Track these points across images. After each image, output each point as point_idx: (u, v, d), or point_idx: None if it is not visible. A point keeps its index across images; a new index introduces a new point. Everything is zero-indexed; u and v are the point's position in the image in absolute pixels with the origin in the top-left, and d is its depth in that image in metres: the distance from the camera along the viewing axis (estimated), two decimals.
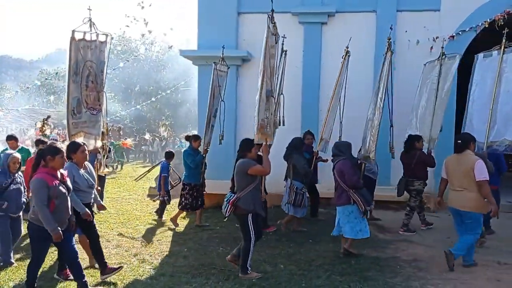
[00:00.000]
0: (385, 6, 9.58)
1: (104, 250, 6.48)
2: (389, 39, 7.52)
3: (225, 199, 5.44)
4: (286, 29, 9.86)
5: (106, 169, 8.55)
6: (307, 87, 9.89)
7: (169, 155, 9.34)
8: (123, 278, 5.35)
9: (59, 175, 4.67)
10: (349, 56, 8.24)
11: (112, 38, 6.88)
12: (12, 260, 5.85)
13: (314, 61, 9.88)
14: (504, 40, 7.05)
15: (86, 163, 5.48)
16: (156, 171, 10.98)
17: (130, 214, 9.25)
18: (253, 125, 5.67)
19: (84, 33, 6.16)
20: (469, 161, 5.42)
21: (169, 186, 9.18)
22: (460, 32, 9.42)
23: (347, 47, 8.19)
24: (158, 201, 9.38)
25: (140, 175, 11.52)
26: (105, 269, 5.32)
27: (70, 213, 4.78)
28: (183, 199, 8.01)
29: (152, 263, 5.98)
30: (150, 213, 9.36)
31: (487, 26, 9.29)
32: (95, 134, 6.61)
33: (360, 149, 7.46)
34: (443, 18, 9.44)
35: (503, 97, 6.89)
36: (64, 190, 4.65)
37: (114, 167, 19.99)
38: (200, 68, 10.12)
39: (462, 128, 7.37)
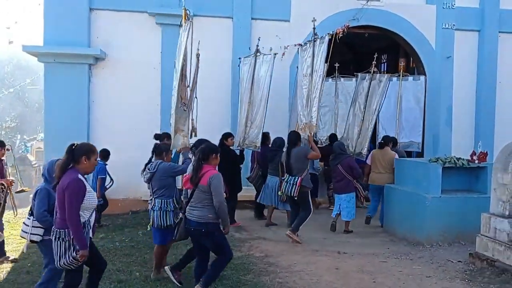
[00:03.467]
0: (241, 14, 9.95)
1: None
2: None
3: (289, 182, 6.78)
4: (143, 29, 9.70)
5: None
6: (166, 89, 9.73)
7: (106, 154, 8.19)
8: None
9: None
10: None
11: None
12: None
13: (172, 63, 9.77)
14: (401, 71, 9.84)
15: None
16: None
17: None
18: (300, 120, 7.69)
19: (187, 16, 6.22)
20: (390, 154, 8.15)
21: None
22: (308, 42, 10.22)
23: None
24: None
25: None
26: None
27: None
28: None
29: None
30: None
31: (330, 38, 10.26)
32: (185, 132, 6.26)
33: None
34: (292, 28, 10.16)
35: (406, 112, 10.12)
36: None
37: None
38: (47, 66, 9.30)
39: (377, 131, 10.15)
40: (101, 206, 8.14)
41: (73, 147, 3.96)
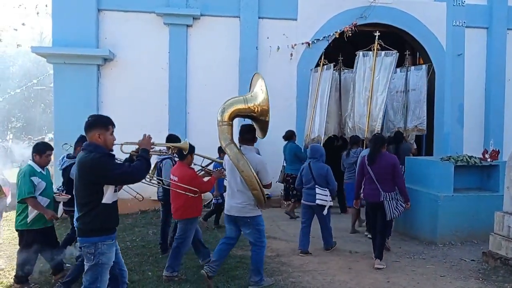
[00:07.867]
0: (248, 13, 9.92)
1: None
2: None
3: None
4: (150, 29, 9.72)
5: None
6: (174, 89, 9.76)
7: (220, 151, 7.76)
8: None
9: None
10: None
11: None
12: None
13: (180, 63, 9.79)
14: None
15: None
16: None
17: None
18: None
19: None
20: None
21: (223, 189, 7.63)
22: (315, 41, 10.21)
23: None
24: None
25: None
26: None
27: None
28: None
29: None
30: None
31: (337, 36, 10.23)
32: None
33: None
34: (300, 27, 10.12)
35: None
36: None
37: None
38: (56, 66, 9.33)
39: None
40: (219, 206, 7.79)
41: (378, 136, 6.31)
